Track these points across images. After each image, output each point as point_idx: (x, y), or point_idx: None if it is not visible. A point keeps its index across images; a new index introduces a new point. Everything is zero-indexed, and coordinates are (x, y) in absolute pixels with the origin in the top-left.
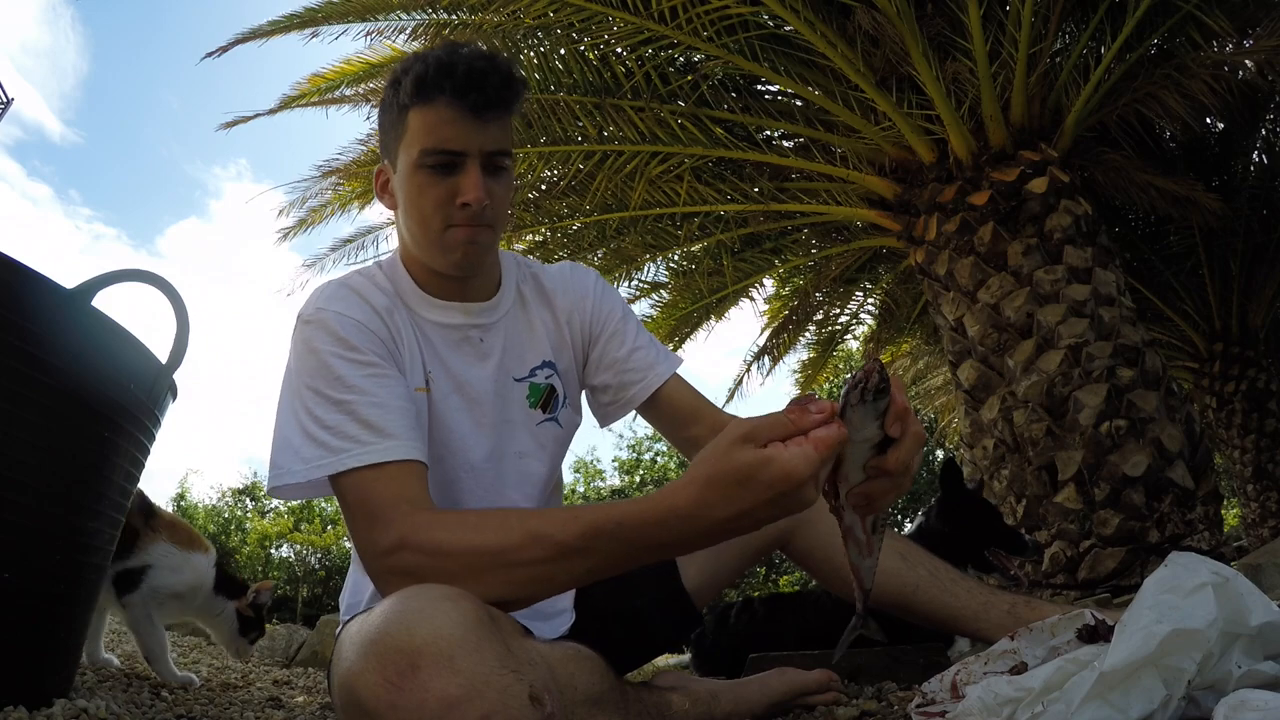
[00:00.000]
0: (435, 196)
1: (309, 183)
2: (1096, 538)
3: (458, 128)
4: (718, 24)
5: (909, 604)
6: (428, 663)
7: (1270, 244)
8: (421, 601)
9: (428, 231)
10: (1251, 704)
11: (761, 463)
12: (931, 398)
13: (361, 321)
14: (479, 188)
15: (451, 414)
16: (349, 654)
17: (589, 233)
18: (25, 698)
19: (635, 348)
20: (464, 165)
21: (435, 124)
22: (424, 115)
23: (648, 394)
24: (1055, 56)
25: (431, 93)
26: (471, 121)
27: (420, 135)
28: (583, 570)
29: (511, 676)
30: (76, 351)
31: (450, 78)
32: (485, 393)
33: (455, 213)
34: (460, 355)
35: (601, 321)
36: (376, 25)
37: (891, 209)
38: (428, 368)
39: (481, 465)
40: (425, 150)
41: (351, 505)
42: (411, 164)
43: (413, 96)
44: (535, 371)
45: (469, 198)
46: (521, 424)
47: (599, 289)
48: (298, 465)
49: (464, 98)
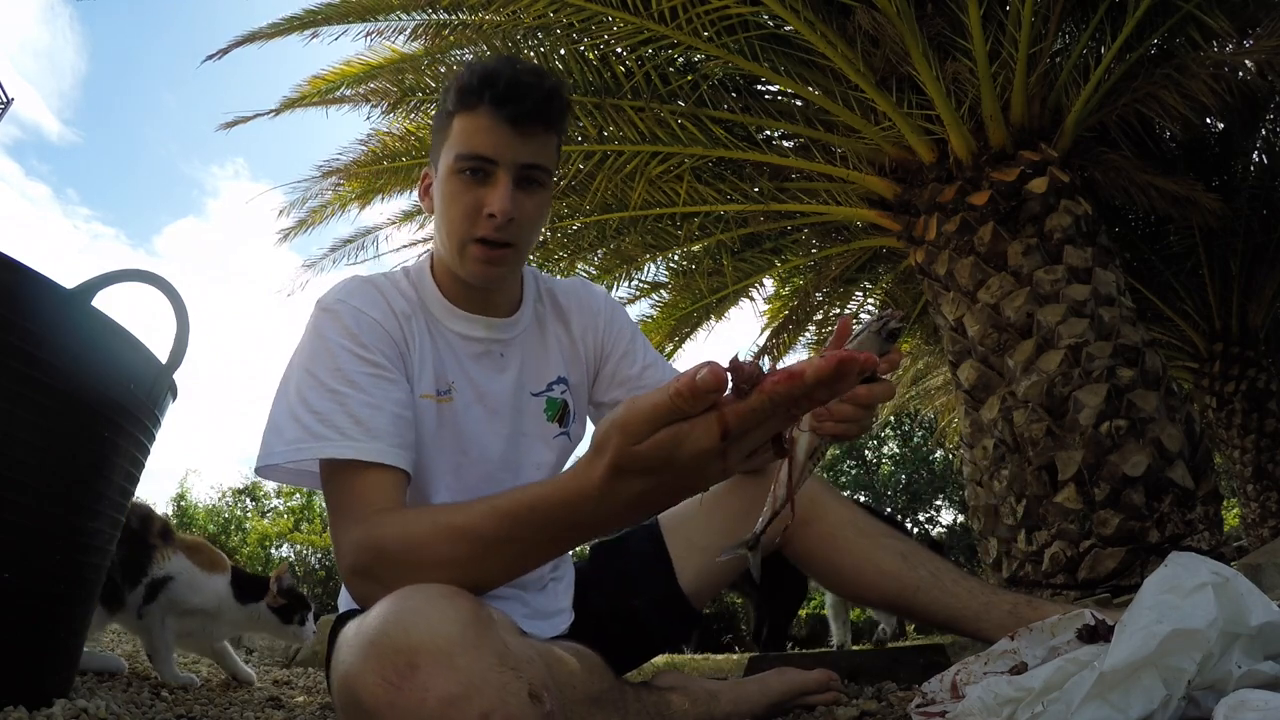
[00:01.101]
0: (464, 204)
1: (309, 183)
2: (1096, 538)
3: (493, 135)
4: (718, 24)
5: (910, 605)
6: (426, 662)
7: (1270, 244)
8: (418, 601)
9: (452, 239)
10: (1251, 704)
11: (671, 442)
12: (931, 398)
13: (377, 320)
14: (506, 199)
15: (473, 423)
16: (347, 654)
17: (589, 233)
18: (25, 698)
19: (646, 365)
20: (495, 175)
21: (473, 130)
22: (464, 121)
23: None
24: (1055, 56)
25: (473, 100)
26: (508, 131)
27: (458, 140)
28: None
29: (510, 674)
30: (76, 351)
31: (492, 86)
32: (505, 405)
33: (481, 223)
34: (481, 367)
35: (613, 340)
36: (376, 26)
37: (891, 209)
38: (450, 377)
39: (499, 475)
40: (460, 155)
41: (329, 497)
42: (448, 168)
43: (457, 103)
44: (552, 386)
45: (495, 208)
46: (539, 437)
47: (609, 307)
48: (280, 445)
49: (502, 107)
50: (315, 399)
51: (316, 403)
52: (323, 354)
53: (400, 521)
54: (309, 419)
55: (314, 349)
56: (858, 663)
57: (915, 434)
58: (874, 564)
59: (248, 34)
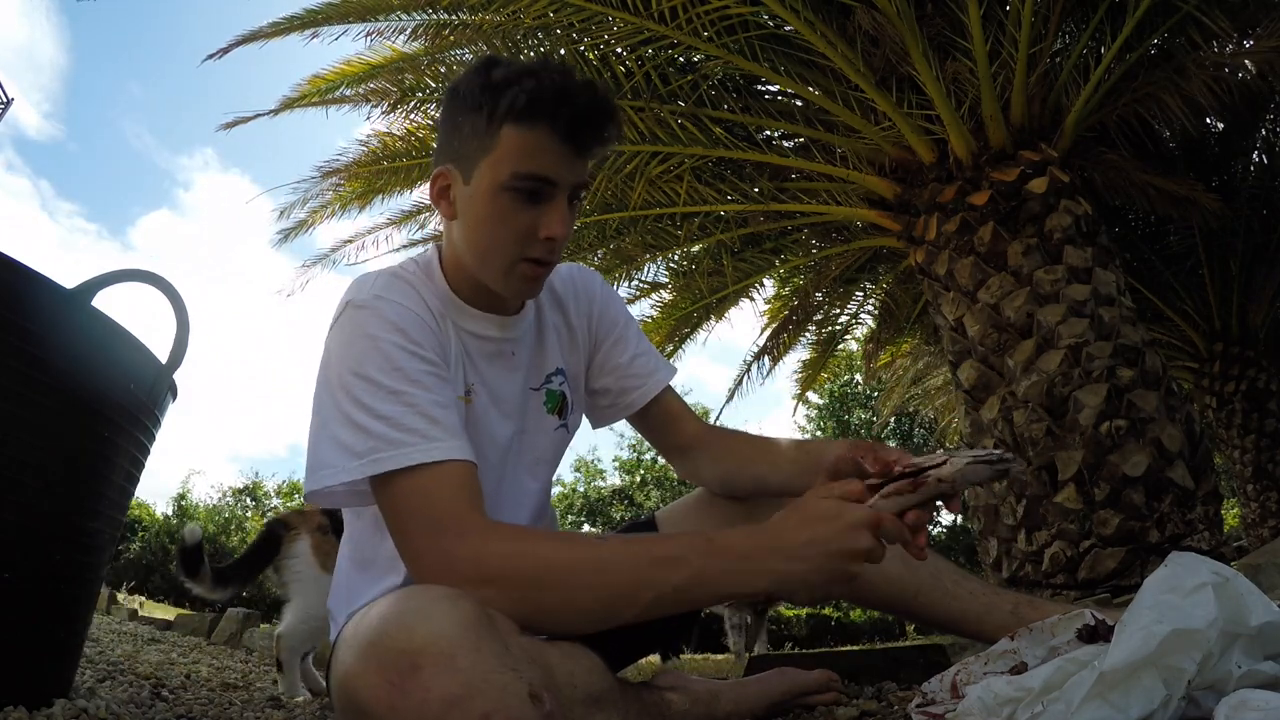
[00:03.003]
0: (518, 225)
1: (309, 183)
2: (1096, 538)
3: (559, 157)
4: (718, 24)
5: (910, 608)
6: (428, 663)
7: (1270, 244)
8: (419, 602)
9: (498, 257)
10: (1251, 704)
11: (835, 509)
12: (931, 398)
13: (421, 316)
14: (565, 223)
15: (493, 426)
16: (346, 654)
17: (589, 233)
18: (25, 698)
19: (637, 354)
20: (554, 196)
21: (536, 149)
22: (524, 136)
23: (645, 400)
24: (1055, 56)
25: (540, 117)
26: (571, 152)
27: (515, 156)
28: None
29: (511, 674)
30: (77, 351)
31: (568, 105)
32: (516, 406)
33: (535, 245)
34: (495, 368)
35: (607, 326)
36: (376, 26)
37: (891, 209)
38: (470, 378)
39: (512, 475)
40: (519, 174)
41: (409, 509)
42: (497, 183)
43: (518, 114)
44: (550, 378)
45: (554, 232)
46: (542, 431)
47: (604, 292)
48: (348, 461)
49: (574, 129)
50: (378, 403)
51: (381, 407)
52: (373, 354)
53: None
54: (379, 426)
55: (362, 350)
56: (858, 663)
57: (915, 434)
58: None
59: (249, 33)
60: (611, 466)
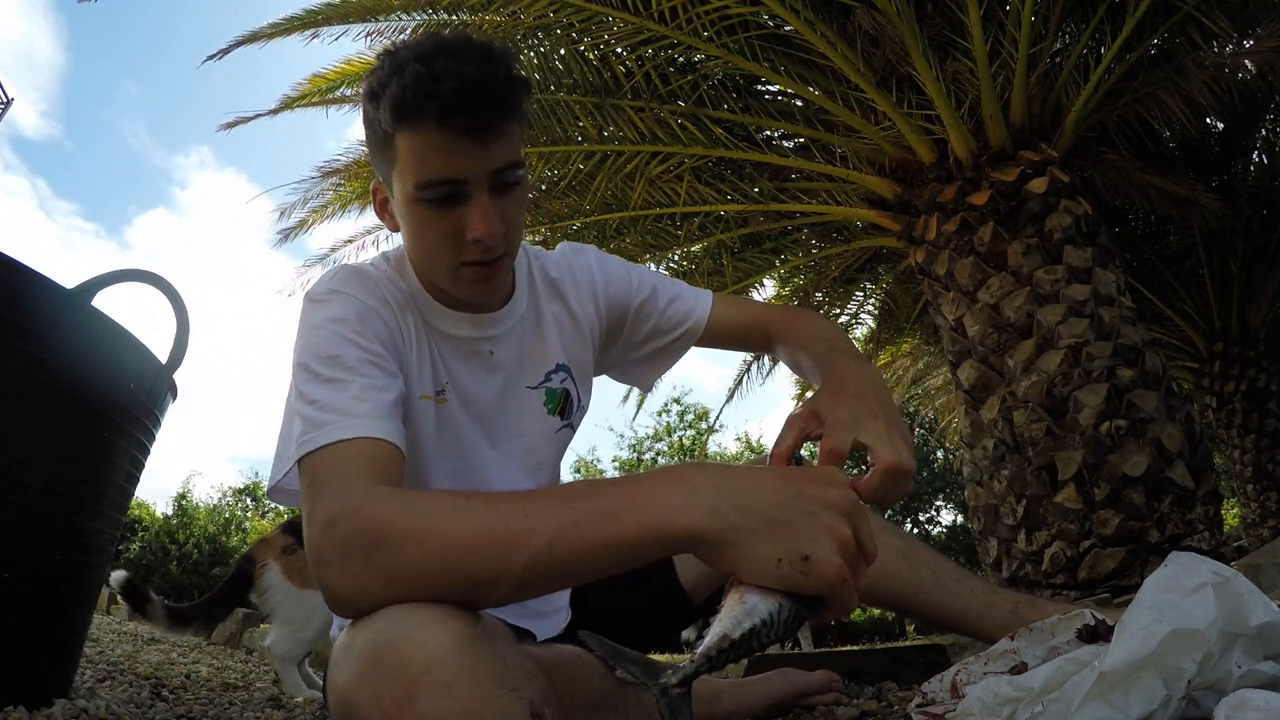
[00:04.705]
0: (440, 232)
1: (309, 183)
2: (1096, 538)
3: (455, 154)
4: (718, 24)
5: (909, 606)
6: (424, 694)
7: (1270, 244)
8: (408, 626)
9: (437, 265)
10: (1252, 704)
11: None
12: (931, 398)
13: (374, 308)
14: (489, 219)
15: (466, 428)
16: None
17: (589, 233)
18: (25, 698)
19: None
20: (469, 195)
21: (425, 153)
22: (414, 141)
23: (696, 338)
24: (1055, 56)
25: (414, 117)
26: (469, 146)
27: (412, 165)
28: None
29: (511, 695)
30: (77, 351)
31: (435, 98)
32: (493, 408)
33: (468, 248)
34: (468, 368)
35: (621, 305)
36: (376, 26)
37: (891, 209)
38: (444, 379)
39: (497, 484)
40: (420, 184)
41: (310, 483)
42: (407, 196)
43: (399, 119)
44: (550, 376)
45: (479, 233)
46: (539, 433)
47: (604, 270)
48: (289, 449)
49: (454, 121)
50: (313, 390)
51: (314, 393)
52: (315, 344)
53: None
54: (309, 411)
55: (309, 342)
56: (858, 663)
57: (915, 434)
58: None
59: (249, 34)
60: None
